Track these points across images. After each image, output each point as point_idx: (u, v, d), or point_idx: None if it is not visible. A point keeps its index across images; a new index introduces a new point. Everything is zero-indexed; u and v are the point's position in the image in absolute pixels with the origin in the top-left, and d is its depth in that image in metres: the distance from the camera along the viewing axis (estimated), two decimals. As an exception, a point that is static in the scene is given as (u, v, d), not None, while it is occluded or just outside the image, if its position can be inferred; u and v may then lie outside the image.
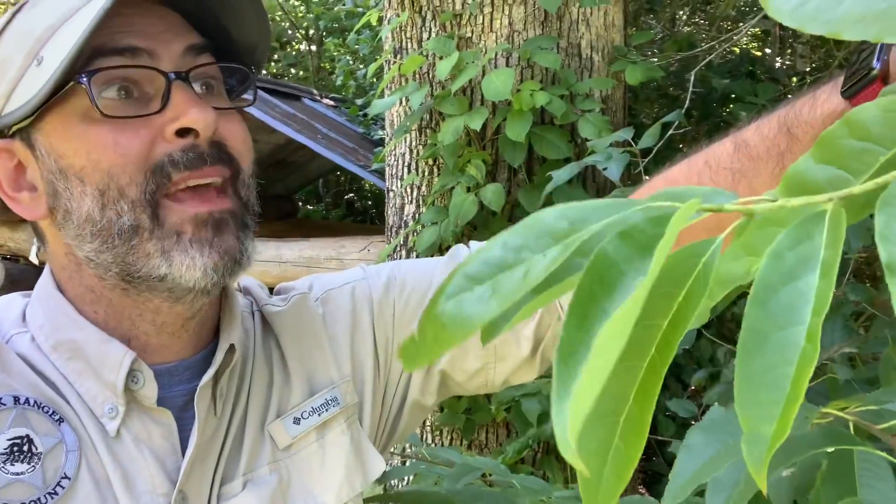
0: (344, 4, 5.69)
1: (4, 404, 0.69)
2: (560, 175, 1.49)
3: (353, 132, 4.55)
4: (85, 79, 0.67)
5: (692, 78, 2.01)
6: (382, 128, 4.47)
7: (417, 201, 2.47)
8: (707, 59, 2.03)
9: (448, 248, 2.40)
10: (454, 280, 0.29)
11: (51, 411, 0.71)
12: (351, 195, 7.09)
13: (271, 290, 0.94)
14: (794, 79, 3.37)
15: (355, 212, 6.98)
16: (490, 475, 1.44)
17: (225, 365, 0.78)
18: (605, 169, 1.45)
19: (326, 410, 0.84)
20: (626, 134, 1.52)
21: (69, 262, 0.75)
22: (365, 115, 4.67)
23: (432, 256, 2.40)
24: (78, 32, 0.65)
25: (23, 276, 4.04)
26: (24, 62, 0.69)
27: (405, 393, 0.91)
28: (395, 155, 2.55)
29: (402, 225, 2.53)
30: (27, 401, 0.70)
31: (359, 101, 4.97)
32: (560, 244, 0.29)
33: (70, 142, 0.69)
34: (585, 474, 0.26)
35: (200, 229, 0.70)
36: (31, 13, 0.72)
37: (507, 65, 2.29)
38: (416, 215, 2.47)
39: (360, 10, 5.14)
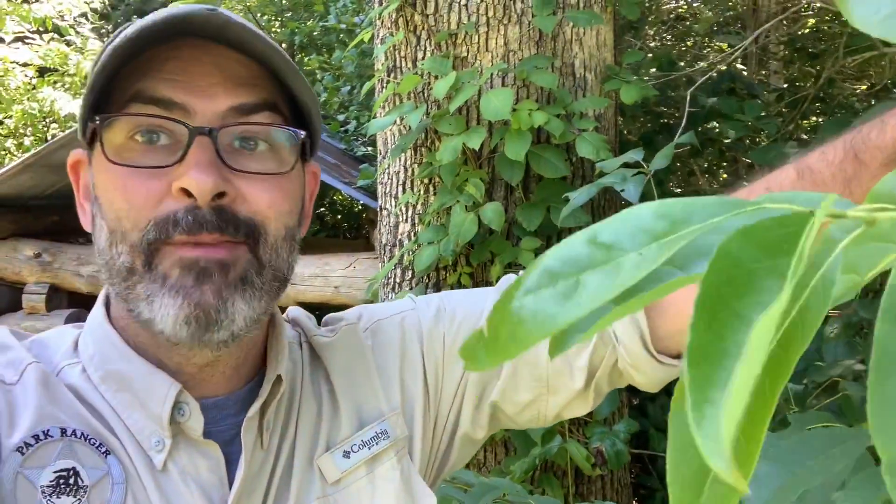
0: (324, 21, 5.68)
1: (51, 436, 0.68)
2: (578, 198, 1.50)
3: (335, 148, 4.53)
4: (98, 121, 0.69)
5: (688, 97, 2.05)
6: (364, 144, 4.47)
7: (413, 220, 2.47)
8: (705, 78, 2.07)
9: (445, 267, 2.42)
10: (532, 275, 0.26)
11: (97, 443, 0.70)
12: (321, 209, 7.05)
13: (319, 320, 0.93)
14: (772, 95, 3.44)
15: (325, 225, 6.95)
16: (506, 495, 1.44)
17: (272, 396, 0.77)
18: (622, 191, 1.46)
19: (377, 444, 0.82)
20: (636, 155, 1.54)
21: None
22: (346, 130, 4.66)
23: (428, 276, 2.40)
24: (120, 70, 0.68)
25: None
26: None
27: (455, 426, 0.89)
28: (388, 173, 2.55)
29: (397, 244, 2.53)
30: (74, 433, 0.69)
31: (340, 117, 4.95)
32: (657, 243, 0.26)
33: (100, 174, 0.71)
34: (743, 490, 0.23)
35: (185, 275, 0.68)
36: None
37: (503, 84, 2.30)
38: (412, 234, 2.47)
39: (342, 26, 5.14)
